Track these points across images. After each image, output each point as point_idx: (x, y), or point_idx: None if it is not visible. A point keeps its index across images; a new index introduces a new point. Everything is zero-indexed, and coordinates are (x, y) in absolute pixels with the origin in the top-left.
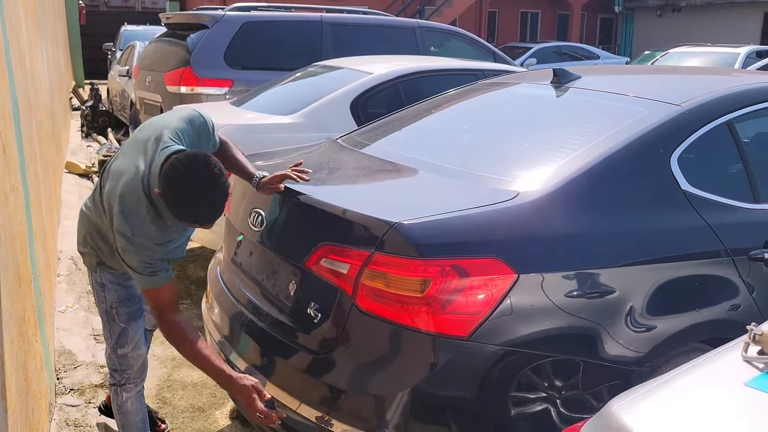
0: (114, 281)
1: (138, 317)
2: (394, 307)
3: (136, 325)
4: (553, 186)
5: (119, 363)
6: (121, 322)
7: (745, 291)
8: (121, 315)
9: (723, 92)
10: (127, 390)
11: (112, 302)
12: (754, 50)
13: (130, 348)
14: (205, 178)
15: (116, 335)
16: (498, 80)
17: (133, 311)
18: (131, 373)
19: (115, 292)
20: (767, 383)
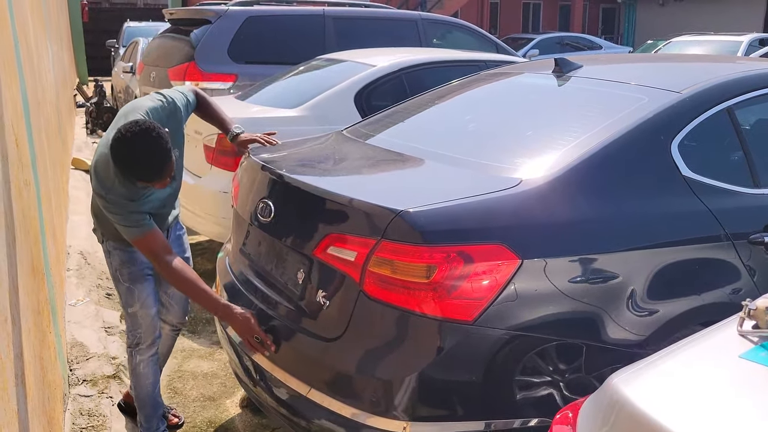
0: (117, 247)
1: (141, 279)
2: (401, 293)
3: (141, 286)
4: (556, 173)
5: (131, 322)
6: (125, 281)
7: (745, 274)
8: (124, 275)
9: (723, 79)
10: (141, 353)
11: (117, 266)
12: (756, 38)
13: (138, 306)
14: (143, 142)
15: (124, 295)
16: (500, 70)
17: (135, 272)
18: (141, 332)
19: (118, 256)
20: (760, 355)
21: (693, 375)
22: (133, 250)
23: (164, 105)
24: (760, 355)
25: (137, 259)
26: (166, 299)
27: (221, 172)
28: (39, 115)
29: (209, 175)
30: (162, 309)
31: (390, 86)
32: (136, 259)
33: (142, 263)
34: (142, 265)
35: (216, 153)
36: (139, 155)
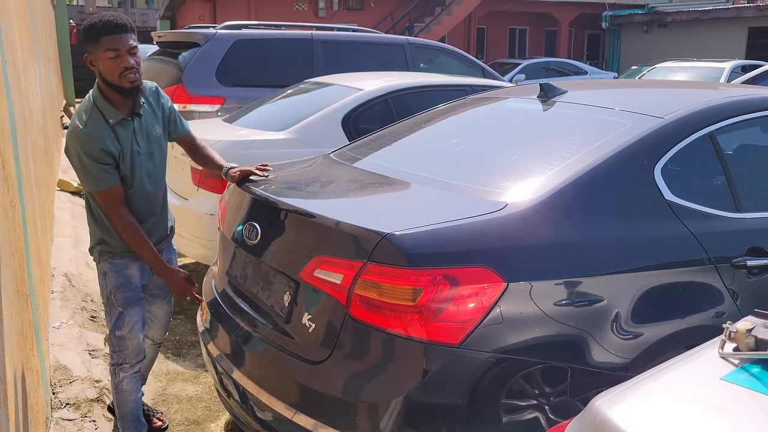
0: (113, 269)
1: (135, 303)
2: (387, 316)
3: (133, 311)
4: (541, 197)
5: (117, 344)
6: (119, 306)
7: (729, 298)
8: (119, 300)
9: (705, 105)
10: (123, 370)
11: (111, 288)
12: (738, 65)
13: (126, 330)
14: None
15: (115, 318)
16: (486, 95)
17: (129, 297)
18: (127, 354)
19: (114, 279)
20: (741, 378)
21: (675, 397)
22: (129, 274)
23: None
24: (741, 377)
25: (132, 283)
26: (148, 317)
27: (208, 194)
28: (26, 137)
29: (196, 197)
30: (144, 325)
31: (377, 110)
32: (132, 283)
33: (136, 287)
34: (136, 289)
35: (203, 175)
36: (104, 14)
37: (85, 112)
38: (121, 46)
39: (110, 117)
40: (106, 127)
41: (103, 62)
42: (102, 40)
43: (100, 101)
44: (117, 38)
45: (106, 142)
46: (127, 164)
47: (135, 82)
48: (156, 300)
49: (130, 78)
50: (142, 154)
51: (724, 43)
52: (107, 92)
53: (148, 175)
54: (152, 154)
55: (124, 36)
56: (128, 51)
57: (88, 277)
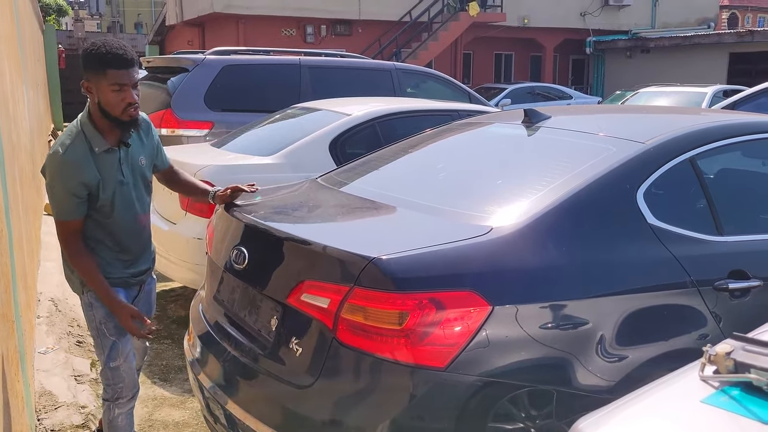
0: (100, 299)
1: (125, 333)
2: (374, 340)
3: (125, 339)
4: (525, 221)
5: (112, 377)
6: (111, 335)
7: (712, 321)
8: (110, 329)
9: (686, 130)
10: (119, 406)
11: (101, 318)
12: (720, 89)
13: (121, 360)
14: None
15: (108, 349)
16: (472, 120)
17: (120, 325)
18: (123, 387)
19: (102, 308)
20: (721, 400)
21: (656, 419)
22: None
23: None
24: (721, 399)
25: None
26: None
27: (196, 218)
28: (13, 161)
29: (184, 222)
30: None
31: (364, 135)
32: None
33: None
34: None
35: (191, 200)
36: (111, 43)
37: (70, 137)
38: (128, 81)
39: (96, 146)
40: (88, 156)
41: (105, 94)
42: (109, 72)
43: (89, 128)
44: (125, 73)
45: (86, 172)
46: (108, 194)
47: (134, 116)
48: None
49: (130, 113)
50: (126, 183)
51: (705, 68)
52: (98, 121)
53: (131, 204)
54: (137, 184)
55: (132, 71)
56: (133, 86)
57: (75, 302)
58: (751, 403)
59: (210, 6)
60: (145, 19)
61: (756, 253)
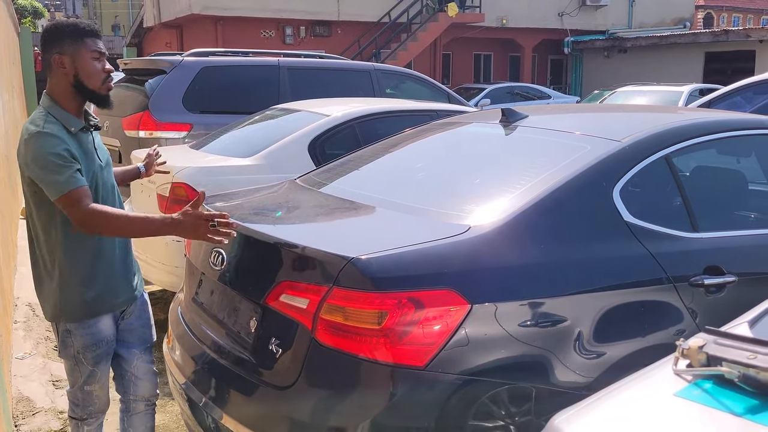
0: (80, 327)
1: (106, 359)
2: (353, 340)
3: (104, 366)
4: (503, 219)
5: (83, 399)
6: (89, 365)
7: (688, 316)
8: (89, 359)
9: (661, 128)
10: (88, 424)
11: (79, 348)
12: (696, 88)
13: (97, 387)
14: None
15: (85, 376)
16: (450, 120)
17: (100, 354)
18: (93, 409)
19: (81, 338)
20: (694, 393)
21: (631, 413)
22: (101, 328)
23: None
24: (694, 393)
25: (103, 339)
26: (129, 375)
27: None
28: None
29: None
30: (130, 384)
31: (343, 135)
32: (102, 339)
33: (107, 341)
34: (109, 343)
35: (169, 202)
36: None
37: (41, 119)
38: (103, 49)
39: (71, 125)
40: (66, 134)
41: (86, 64)
42: (87, 40)
43: (56, 111)
44: (99, 41)
45: (69, 144)
46: (90, 177)
47: (110, 90)
48: (133, 350)
49: (109, 86)
50: (104, 168)
51: (682, 67)
52: (67, 102)
53: (112, 191)
54: (110, 172)
55: (101, 42)
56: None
57: None
58: (723, 395)
59: (188, 7)
60: (122, 21)
61: (730, 249)
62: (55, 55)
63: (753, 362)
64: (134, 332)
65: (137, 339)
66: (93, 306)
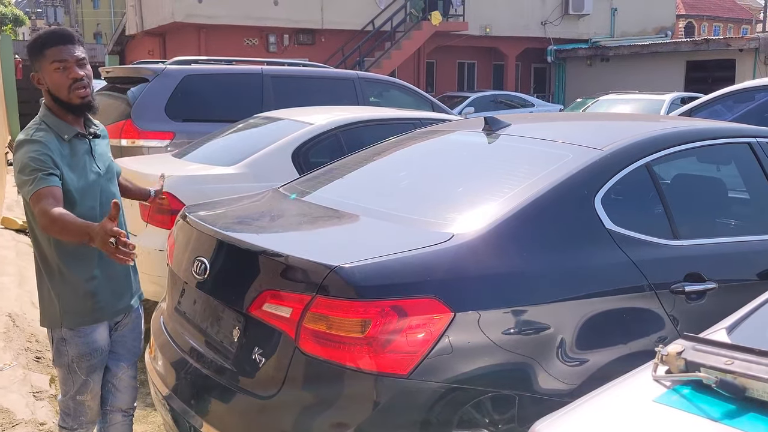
0: (76, 336)
1: (99, 369)
2: (337, 349)
3: (97, 376)
4: (486, 228)
5: (75, 409)
6: (83, 374)
7: (669, 323)
8: (83, 368)
9: (642, 137)
10: None
11: (74, 356)
12: (678, 96)
13: (89, 397)
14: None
15: (78, 385)
16: (433, 128)
17: (94, 364)
18: (84, 420)
19: (76, 347)
20: (673, 399)
21: (610, 419)
22: (96, 338)
23: None
24: (673, 398)
25: (98, 348)
26: (110, 386)
27: (156, 230)
28: None
29: (144, 233)
30: (109, 395)
31: (327, 144)
32: (97, 349)
33: (102, 351)
34: (103, 353)
35: (151, 211)
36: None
37: (34, 128)
38: (68, 56)
39: (64, 132)
40: (58, 142)
41: (50, 76)
42: (47, 52)
43: (50, 119)
44: (63, 48)
45: (54, 152)
46: (81, 185)
47: (86, 97)
48: (121, 362)
49: (80, 93)
50: (102, 176)
51: (663, 76)
52: (57, 111)
53: (108, 199)
54: (112, 180)
55: (71, 47)
56: (76, 62)
57: (33, 316)
58: (701, 401)
59: (171, 15)
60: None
61: (711, 257)
62: (33, 73)
63: (730, 368)
64: (125, 345)
65: (127, 352)
66: (91, 313)
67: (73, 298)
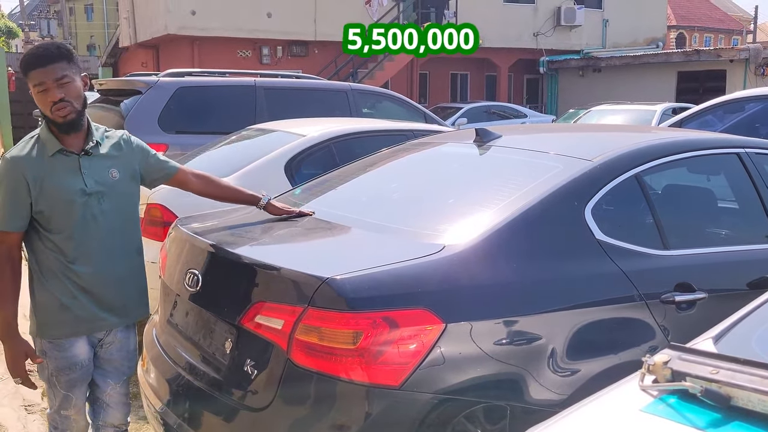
0: (54, 349)
1: (80, 384)
2: (328, 360)
3: (79, 391)
4: (477, 238)
5: (61, 423)
6: (62, 389)
7: (660, 333)
8: (62, 383)
9: (631, 147)
10: None
11: (52, 370)
12: (669, 107)
13: (73, 411)
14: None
15: (59, 400)
16: (425, 140)
17: (74, 379)
18: None
19: (55, 360)
20: (659, 408)
21: (598, 429)
22: (75, 353)
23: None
24: (659, 408)
25: (79, 363)
26: (101, 402)
27: (149, 242)
28: None
29: None
30: (101, 411)
31: (320, 156)
32: (76, 364)
33: (83, 365)
34: (83, 368)
35: (144, 223)
36: (37, 45)
37: (23, 142)
38: (46, 78)
39: (50, 147)
40: (39, 157)
41: (36, 96)
42: (30, 74)
43: (44, 132)
44: (42, 72)
45: (30, 169)
46: (58, 202)
47: (67, 116)
48: (108, 380)
49: (60, 113)
50: (90, 194)
51: (655, 86)
52: (51, 126)
53: (95, 218)
54: (104, 198)
55: (51, 68)
56: (56, 83)
57: (24, 328)
58: (687, 410)
59: (164, 27)
60: (98, 41)
61: (701, 267)
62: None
63: (715, 377)
64: (113, 363)
65: (114, 370)
66: (66, 327)
67: (50, 309)
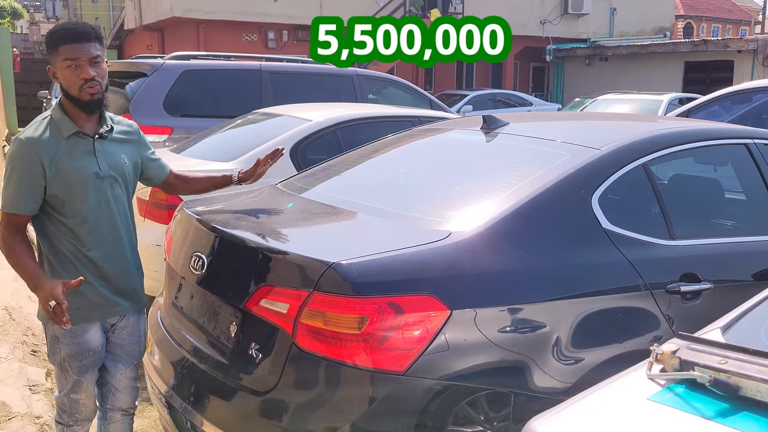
0: (67, 335)
1: (92, 369)
2: (333, 345)
3: (90, 376)
4: (483, 226)
5: (70, 406)
6: (74, 374)
7: (665, 323)
8: (74, 368)
9: (639, 137)
10: (74, 430)
11: (65, 356)
12: (676, 97)
13: (83, 395)
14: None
15: (71, 384)
16: (432, 126)
17: (86, 364)
18: (80, 417)
19: (68, 347)
20: (667, 397)
21: (605, 417)
22: (88, 339)
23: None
24: (667, 397)
25: (91, 349)
26: (110, 386)
27: (154, 224)
28: None
29: (142, 228)
30: (109, 394)
31: (325, 141)
32: (89, 349)
33: (95, 351)
34: (95, 354)
35: (149, 206)
36: (67, 22)
37: (36, 123)
38: (81, 55)
39: (64, 130)
40: (54, 139)
41: (63, 73)
42: (61, 49)
43: (57, 114)
44: (77, 47)
45: (45, 150)
46: (73, 184)
47: (96, 95)
48: (119, 364)
49: (90, 91)
50: (104, 178)
51: (662, 76)
52: (67, 106)
53: (107, 202)
54: (117, 182)
55: (86, 45)
56: (89, 61)
57: (30, 310)
58: (695, 399)
59: (170, 10)
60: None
61: (706, 257)
62: (49, 66)
63: (724, 367)
64: (124, 348)
65: (125, 354)
66: (80, 312)
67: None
